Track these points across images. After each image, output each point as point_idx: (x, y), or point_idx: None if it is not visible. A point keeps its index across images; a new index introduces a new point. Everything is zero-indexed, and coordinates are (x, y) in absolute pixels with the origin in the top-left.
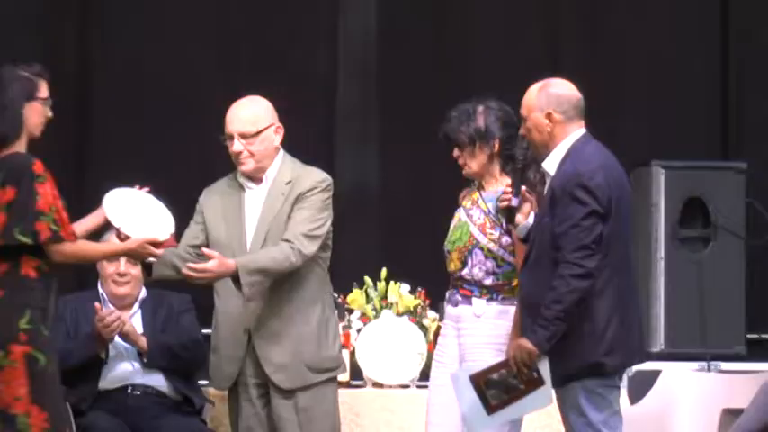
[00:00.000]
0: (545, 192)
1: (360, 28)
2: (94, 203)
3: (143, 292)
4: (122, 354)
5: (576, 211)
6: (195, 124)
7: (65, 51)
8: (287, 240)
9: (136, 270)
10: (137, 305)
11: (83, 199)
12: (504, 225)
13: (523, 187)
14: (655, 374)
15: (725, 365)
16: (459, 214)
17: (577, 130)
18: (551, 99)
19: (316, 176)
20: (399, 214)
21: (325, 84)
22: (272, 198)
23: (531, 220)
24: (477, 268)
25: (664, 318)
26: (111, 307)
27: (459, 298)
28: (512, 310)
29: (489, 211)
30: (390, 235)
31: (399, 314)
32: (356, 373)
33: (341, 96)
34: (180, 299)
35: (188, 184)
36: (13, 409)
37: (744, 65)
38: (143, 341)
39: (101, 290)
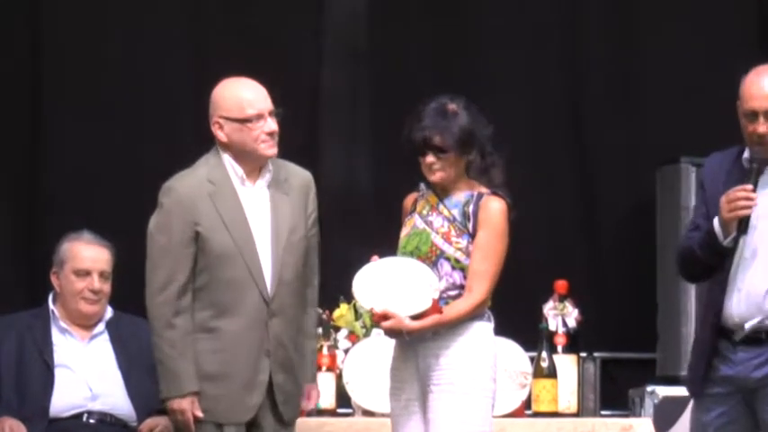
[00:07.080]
0: None
1: (347, 5)
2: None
3: (109, 312)
4: (76, 377)
5: None
6: (165, 109)
7: (15, 34)
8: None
9: (107, 287)
10: (102, 325)
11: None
12: (470, 231)
13: None
14: (684, 401)
15: None
16: (414, 221)
17: None
18: None
19: (306, 174)
20: (393, 218)
21: (308, 69)
22: (277, 198)
23: None
24: (444, 281)
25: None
26: (66, 329)
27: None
28: (474, 325)
29: (454, 218)
30: (382, 242)
31: None
32: (343, 399)
33: (326, 83)
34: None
35: (156, 174)
36: None
37: None
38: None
39: (51, 306)
